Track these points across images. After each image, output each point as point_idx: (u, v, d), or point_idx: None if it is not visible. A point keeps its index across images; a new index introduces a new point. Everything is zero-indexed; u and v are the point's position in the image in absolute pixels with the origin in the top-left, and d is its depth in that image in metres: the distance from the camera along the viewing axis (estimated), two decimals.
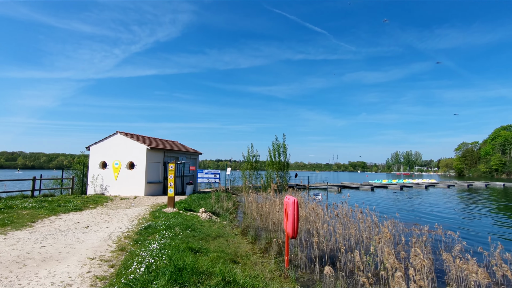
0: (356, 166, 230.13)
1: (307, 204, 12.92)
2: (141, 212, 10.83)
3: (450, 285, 5.52)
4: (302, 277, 6.12)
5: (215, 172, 19.74)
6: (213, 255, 5.84)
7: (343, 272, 6.21)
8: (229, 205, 14.41)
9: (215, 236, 8.04)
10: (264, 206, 12.72)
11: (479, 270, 4.67)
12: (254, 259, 6.67)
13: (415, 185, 40.15)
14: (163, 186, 17.95)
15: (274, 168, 19.28)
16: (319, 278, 5.92)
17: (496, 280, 6.15)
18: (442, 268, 6.75)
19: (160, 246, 5.73)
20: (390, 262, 4.66)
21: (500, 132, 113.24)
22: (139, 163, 16.47)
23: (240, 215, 13.81)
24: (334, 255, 7.56)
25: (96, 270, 4.57)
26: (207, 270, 4.77)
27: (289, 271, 6.04)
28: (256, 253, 7.41)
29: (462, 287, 5.52)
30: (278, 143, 19.60)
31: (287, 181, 19.57)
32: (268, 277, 5.59)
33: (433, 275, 6.29)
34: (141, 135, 19.60)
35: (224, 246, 7.12)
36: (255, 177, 19.71)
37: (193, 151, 22.34)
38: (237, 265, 5.68)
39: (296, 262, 7.04)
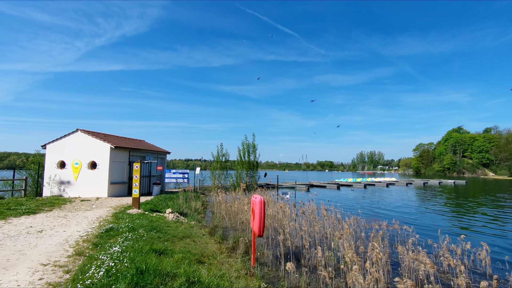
0: (324, 166, 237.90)
1: (275, 203, 13.15)
2: (103, 214, 10.32)
3: (403, 275, 5.94)
4: (268, 274, 6.23)
5: (183, 172, 19.35)
6: (179, 256, 5.75)
7: (307, 267, 6.42)
8: (197, 205, 14.22)
9: (182, 236, 7.91)
10: (233, 205, 12.74)
11: (427, 260, 5.08)
12: (221, 259, 6.67)
13: (378, 183, 42.47)
14: (128, 187, 17.23)
15: (244, 168, 19.34)
16: (284, 275, 6.07)
17: (443, 269, 6.73)
18: (398, 260, 7.24)
19: (122, 248, 5.52)
20: (349, 256, 4.92)
21: (452, 134, 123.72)
22: (102, 163, 15.65)
23: (208, 215, 13.69)
24: (300, 251, 7.78)
25: (50, 276, 4.29)
26: (171, 272, 4.69)
27: (255, 269, 6.12)
28: (223, 252, 7.41)
29: (414, 277, 5.96)
30: (248, 143, 19.72)
31: (257, 181, 19.73)
32: (234, 276, 5.62)
33: (389, 267, 6.74)
34: (105, 133, 18.64)
35: (191, 246, 7.03)
36: (224, 177, 19.62)
37: (161, 150, 21.69)
38: (203, 265, 5.65)
39: (263, 260, 7.15)
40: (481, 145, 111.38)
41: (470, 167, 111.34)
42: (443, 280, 6.19)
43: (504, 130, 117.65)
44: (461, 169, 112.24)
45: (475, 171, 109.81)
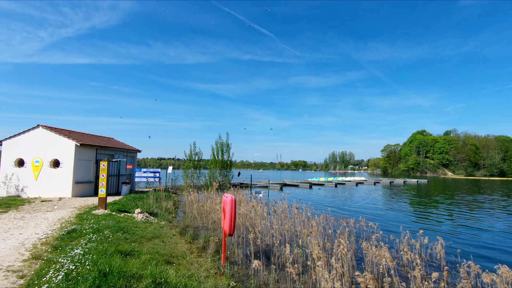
0: (298, 165, 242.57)
1: (248, 202, 13.22)
2: (66, 215, 9.77)
3: (366, 269, 6.25)
4: (237, 273, 6.26)
5: (155, 170, 18.82)
6: (146, 257, 5.61)
7: (276, 265, 6.53)
8: (168, 205, 13.91)
9: (151, 237, 7.71)
10: (205, 205, 12.61)
11: (387, 255, 5.39)
12: (191, 259, 6.60)
13: (348, 183, 44.09)
14: (94, 186, 16.44)
15: (217, 167, 19.20)
16: (254, 273, 6.13)
17: (402, 263, 7.17)
18: (362, 255, 7.58)
19: (85, 251, 5.27)
20: (316, 252, 5.09)
21: (416, 136, 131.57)
22: (65, 161, 14.79)
23: (180, 215, 13.44)
24: (270, 249, 7.89)
25: (1, 282, 4.00)
26: (137, 273, 4.57)
27: (225, 268, 6.12)
28: (194, 252, 7.34)
29: (376, 270, 6.29)
30: (222, 142, 19.60)
31: (230, 180, 19.67)
32: (204, 275, 5.59)
33: (354, 262, 7.04)
34: (70, 130, 17.63)
35: (160, 247, 6.88)
36: (197, 176, 19.36)
37: (131, 148, 20.93)
38: (171, 266, 5.56)
39: (233, 259, 7.17)
40: (442, 146, 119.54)
41: (432, 167, 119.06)
42: (402, 273, 6.59)
43: (461, 133, 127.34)
44: (423, 169, 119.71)
45: (436, 171, 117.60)
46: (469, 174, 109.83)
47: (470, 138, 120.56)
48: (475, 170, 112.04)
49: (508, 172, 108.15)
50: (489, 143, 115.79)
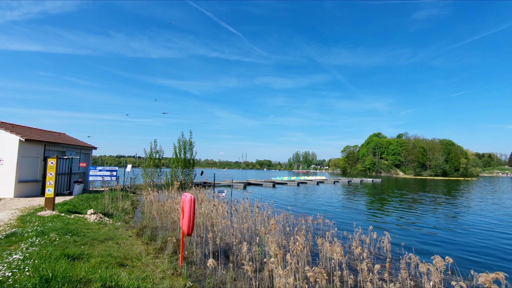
0: (263, 164, 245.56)
1: (210, 201, 13.11)
2: (5, 217, 8.87)
3: (320, 264, 6.56)
4: (195, 273, 6.20)
5: (111, 169, 17.82)
6: (96, 260, 5.32)
7: (234, 263, 6.59)
8: (126, 205, 13.28)
9: (104, 239, 7.32)
10: (165, 204, 12.27)
11: (339, 250, 5.72)
12: (147, 260, 6.39)
13: (309, 182, 45.67)
14: (42, 186, 15.11)
15: (179, 165, 18.71)
16: (212, 272, 6.13)
17: (353, 257, 7.64)
18: (317, 251, 7.95)
19: (25, 256, 4.85)
20: (272, 250, 5.24)
21: (373, 138, 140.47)
22: (7, 158, 13.40)
23: (138, 215, 12.90)
24: (230, 248, 7.93)
25: None
26: (84, 277, 4.32)
27: (182, 268, 6.03)
28: (150, 253, 7.11)
29: (329, 265, 6.63)
30: (184, 140, 19.13)
31: (192, 179, 19.30)
32: (159, 277, 5.46)
33: (310, 258, 7.36)
34: (13, 123, 16.00)
35: (113, 249, 6.56)
36: (157, 175, 18.70)
37: (85, 145, 19.58)
38: (124, 268, 5.34)
39: (192, 259, 7.08)
40: (395, 148, 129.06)
41: (386, 167, 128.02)
42: (353, 266, 7.03)
43: (412, 136, 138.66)
44: (379, 169, 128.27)
45: (389, 171, 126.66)
46: (418, 174, 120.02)
47: (419, 141, 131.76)
48: (422, 170, 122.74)
49: (450, 172, 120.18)
50: (435, 146, 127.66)
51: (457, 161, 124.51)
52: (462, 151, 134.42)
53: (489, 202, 23.45)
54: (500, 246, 9.58)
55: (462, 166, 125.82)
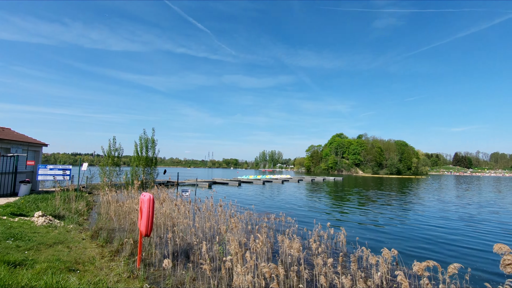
0: (229, 163, 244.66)
1: (172, 201, 12.80)
2: None
3: (279, 261, 6.76)
4: (153, 274, 6.04)
5: (65, 167, 16.58)
6: (42, 266, 4.96)
7: (194, 263, 6.53)
8: (80, 206, 12.46)
9: (52, 243, 6.83)
10: (124, 204, 11.74)
11: (297, 246, 5.94)
12: (101, 264, 6.09)
13: (275, 180, 46.48)
14: None
15: (141, 164, 17.96)
16: (171, 273, 6.02)
17: (312, 252, 7.97)
18: (278, 248, 8.17)
19: None
20: (232, 248, 5.29)
21: (335, 139, 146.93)
22: None
23: (94, 216, 12.18)
24: (191, 248, 7.84)
25: None
26: (27, 285, 4.01)
27: (139, 270, 5.84)
28: (105, 256, 6.78)
29: (288, 260, 6.86)
30: (146, 138, 18.37)
31: (154, 178, 18.64)
32: (114, 280, 5.24)
33: (270, 255, 7.54)
34: None
35: (63, 254, 6.14)
36: (116, 174, 17.76)
37: (34, 141, 17.96)
38: (74, 274, 5.04)
39: (150, 260, 6.88)
40: (355, 148, 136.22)
41: (347, 166, 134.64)
42: (310, 261, 7.33)
43: (370, 137, 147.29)
44: (340, 168, 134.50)
45: (350, 170, 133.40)
46: (375, 172, 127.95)
47: (376, 142, 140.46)
48: (379, 169, 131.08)
49: (403, 171, 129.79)
50: (390, 147, 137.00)
51: (409, 160, 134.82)
52: (414, 151, 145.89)
53: (434, 198, 25.80)
54: (438, 238, 10.61)
55: (414, 165, 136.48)
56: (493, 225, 13.13)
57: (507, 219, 14.89)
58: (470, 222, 13.63)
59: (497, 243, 2.96)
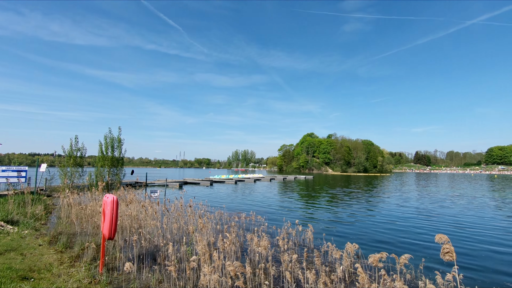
0: (201, 163, 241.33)
1: (140, 202, 12.39)
2: None
3: (248, 259, 6.84)
4: (117, 279, 5.83)
5: (19, 169, 15.40)
6: None
7: (161, 265, 6.41)
8: (37, 210, 11.64)
9: (4, 251, 6.35)
10: (87, 207, 11.16)
11: (264, 244, 6.05)
12: (59, 271, 5.76)
13: (247, 180, 46.64)
14: None
15: (106, 165, 17.13)
16: (136, 276, 5.85)
17: (280, 249, 8.15)
18: (247, 247, 8.24)
19: None
20: (200, 248, 5.27)
21: (306, 138, 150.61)
22: None
23: (53, 221, 11.45)
24: (159, 250, 7.67)
25: None
26: None
27: (102, 276, 5.62)
28: (65, 262, 6.43)
29: (256, 258, 6.96)
30: (112, 137, 17.56)
31: (121, 179, 17.88)
32: (74, 287, 5.00)
33: (239, 254, 7.59)
34: None
35: (15, 261, 5.73)
36: (79, 175, 16.79)
37: None
38: (28, 282, 4.73)
39: (114, 264, 6.63)
40: (325, 147, 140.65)
41: (317, 165, 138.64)
42: (278, 258, 7.50)
43: (339, 136, 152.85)
44: (311, 167, 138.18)
45: (320, 168, 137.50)
46: (344, 170, 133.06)
47: (345, 141, 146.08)
48: (347, 167, 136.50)
49: (369, 169, 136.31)
50: (358, 146, 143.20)
51: (375, 159, 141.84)
52: (379, 150, 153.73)
53: (396, 194, 27.43)
54: (397, 231, 11.33)
55: (379, 163, 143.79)
56: (445, 218, 14.27)
57: (455, 212, 16.25)
58: (426, 216, 14.70)
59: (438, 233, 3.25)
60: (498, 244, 9.52)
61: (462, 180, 63.25)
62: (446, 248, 2.91)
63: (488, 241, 9.88)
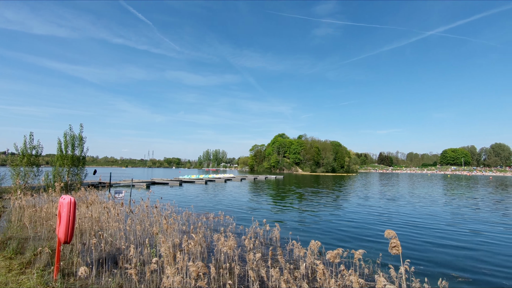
0: (171, 162, 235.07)
1: (102, 203, 11.82)
2: None
3: (214, 259, 6.82)
4: (73, 285, 5.53)
5: None
6: None
7: (122, 269, 6.19)
8: None
9: None
10: (42, 210, 10.42)
11: (231, 243, 6.07)
12: (6, 278, 5.35)
13: (217, 179, 46.26)
14: None
15: (66, 164, 16.06)
16: (95, 282, 5.59)
17: (246, 249, 8.22)
18: (214, 247, 8.22)
19: None
20: (163, 250, 5.16)
21: (277, 138, 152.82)
22: None
23: (2, 224, 10.54)
24: (121, 253, 7.38)
25: None
26: None
27: (56, 282, 5.30)
28: (14, 269, 5.96)
29: (223, 258, 6.97)
30: (73, 134, 16.50)
31: (82, 179, 16.86)
32: None
33: (206, 254, 7.55)
34: None
35: None
36: (34, 175, 15.57)
37: None
38: None
39: (72, 269, 6.27)
40: (296, 148, 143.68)
41: (288, 165, 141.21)
42: (245, 257, 7.57)
43: (309, 137, 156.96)
44: (282, 167, 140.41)
45: (290, 168, 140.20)
46: (313, 170, 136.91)
47: (315, 142, 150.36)
48: (316, 168, 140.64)
49: (337, 169, 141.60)
50: (326, 147, 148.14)
51: (342, 159, 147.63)
52: (346, 151, 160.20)
53: (361, 193, 28.81)
54: (359, 228, 11.94)
55: (346, 164, 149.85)
56: (401, 215, 15.28)
57: (410, 210, 17.47)
58: (385, 214, 15.63)
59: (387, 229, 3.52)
60: (446, 238, 10.40)
61: (419, 180, 67.96)
62: (393, 242, 3.16)
63: (437, 236, 10.75)
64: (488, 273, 7.04)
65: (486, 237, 10.64)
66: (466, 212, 16.46)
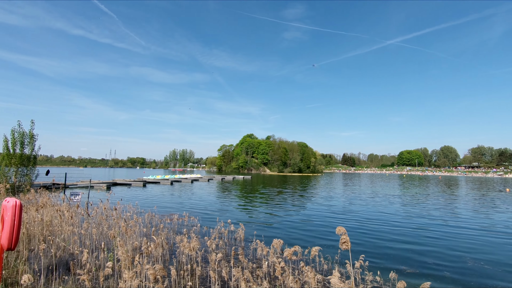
0: (135, 162, 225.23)
1: (54, 206, 11.01)
2: None
3: (176, 261, 6.70)
4: None
5: None
6: None
7: (76, 275, 5.84)
8: None
9: None
10: None
11: (195, 245, 6.01)
12: None
13: (184, 180, 45.23)
14: None
15: (13, 163, 14.67)
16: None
17: (210, 248, 8.18)
18: (176, 249, 8.06)
19: None
20: (120, 254, 4.97)
21: (246, 139, 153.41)
22: None
23: None
24: (74, 258, 6.95)
25: None
26: None
27: None
28: None
29: (186, 260, 6.86)
30: (22, 132, 15.12)
31: (32, 180, 15.51)
32: None
33: (168, 256, 7.38)
34: None
35: None
36: None
37: None
38: None
39: (15, 278, 5.78)
40: (264, 148, 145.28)
41: (256, 165, 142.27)
42: (208, 258, 7.52)
43: (277, 138, 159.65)
44: (250, 167, 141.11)
45: (258, 168, 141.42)
46: (280, 171, 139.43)
47: (282, 143, 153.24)
48: (284, 168, 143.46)
49: (304, 169, 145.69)
50: (294, 147, 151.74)
51: (309, 160, 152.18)
52: (312, 152, 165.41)
53: (325, 192, 29.95)
54: (320, 226, 12.45)
55: (312, 164, 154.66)
56: (359, 213, 16.19)
57: (369, 208, 18.58)
58: (345, 211, 16.44)
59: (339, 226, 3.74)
60: (398, 234, 11.22)
61: (379, 179, 72.31)
62: (343, 238, 3.37)
63: (391, 232, 11.57)
64: (433, 266, 7.73)
65: (432, 232, 11.66)
66: (416, 211, 17.89)
